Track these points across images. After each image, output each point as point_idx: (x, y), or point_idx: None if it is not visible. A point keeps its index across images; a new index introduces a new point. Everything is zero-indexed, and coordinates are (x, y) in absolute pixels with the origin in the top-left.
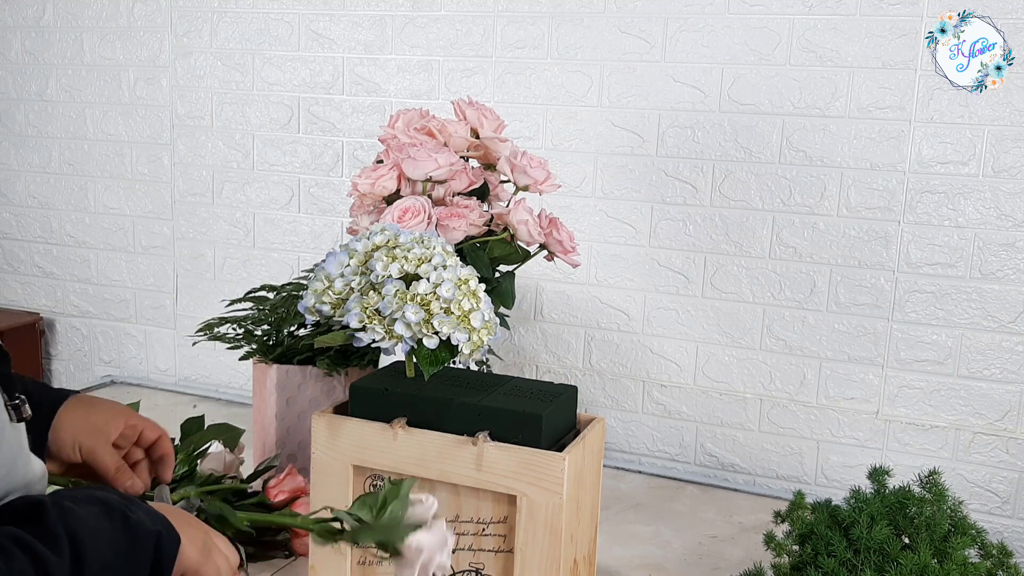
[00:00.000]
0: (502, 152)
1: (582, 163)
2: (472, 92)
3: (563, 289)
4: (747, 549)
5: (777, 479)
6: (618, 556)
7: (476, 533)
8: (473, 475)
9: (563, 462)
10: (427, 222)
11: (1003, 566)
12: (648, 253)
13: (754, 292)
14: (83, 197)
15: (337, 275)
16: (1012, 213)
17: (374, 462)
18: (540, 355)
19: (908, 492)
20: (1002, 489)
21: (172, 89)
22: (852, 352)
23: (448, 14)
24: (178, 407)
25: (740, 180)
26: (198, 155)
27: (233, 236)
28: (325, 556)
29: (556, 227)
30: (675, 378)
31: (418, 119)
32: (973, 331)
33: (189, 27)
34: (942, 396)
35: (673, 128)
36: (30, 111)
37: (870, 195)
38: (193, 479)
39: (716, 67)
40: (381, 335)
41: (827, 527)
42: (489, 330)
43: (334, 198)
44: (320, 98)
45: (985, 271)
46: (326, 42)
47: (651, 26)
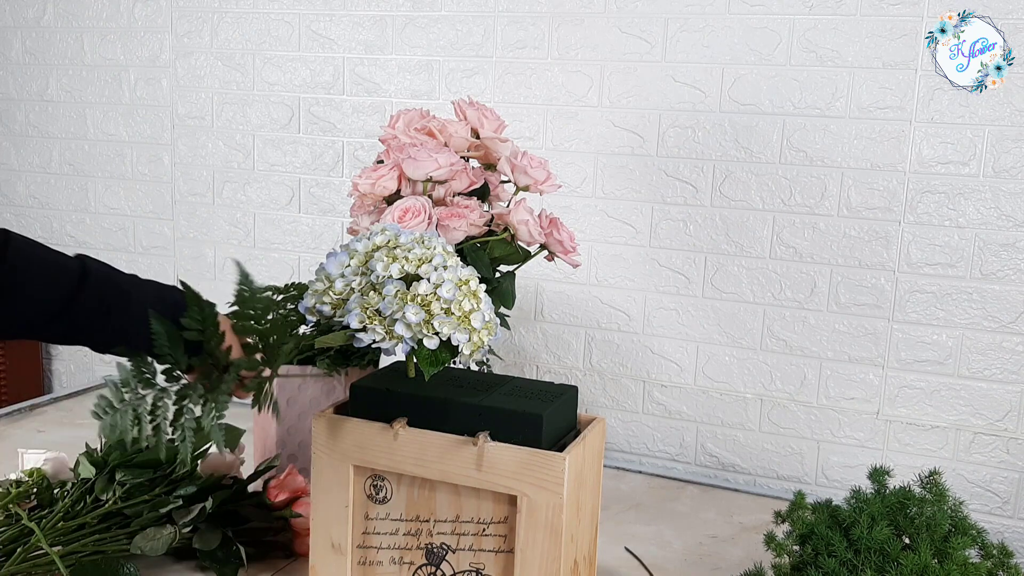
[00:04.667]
0: (502, 152)
1: (582, 163)
2: (472, 92)
3: (563, 289)
4: (747, 549)
5: (777, 479)
6: (618, 556)
7: (476, 533)
8: (473, 475)
9: (563, 462)
10: (427, 222)
11: (1003, 566)
12: (648, 253)
13: (754, 292)
14: (84, 197)
15: (337, 275)
16: (1012, 213)
17: (374, 462)
18: (540, 355)
19: (908, 492)
20: (1002, 489)
21: (173, 89)
22: (852, 352)
23: (448, 14)
24: None
25: (740, 180)
26: (199, 155)
27: (233, 236)
28: (325, 556)
29: (556, 227)
30: (675, 378)
31: (418, 119)
32: (973, 331)
33: (189, 27)
34: (942, 396)
35: (673, 128)
36: (30, 111)
37: (870, 195)
38: (193, 479)
39: (716, 67)
40: (381, 335)
41: (827, 527)
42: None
43: (334, 198)
44: (320, 98)
45: (985, 271)
46: (326, 42)
47: (651, 26)
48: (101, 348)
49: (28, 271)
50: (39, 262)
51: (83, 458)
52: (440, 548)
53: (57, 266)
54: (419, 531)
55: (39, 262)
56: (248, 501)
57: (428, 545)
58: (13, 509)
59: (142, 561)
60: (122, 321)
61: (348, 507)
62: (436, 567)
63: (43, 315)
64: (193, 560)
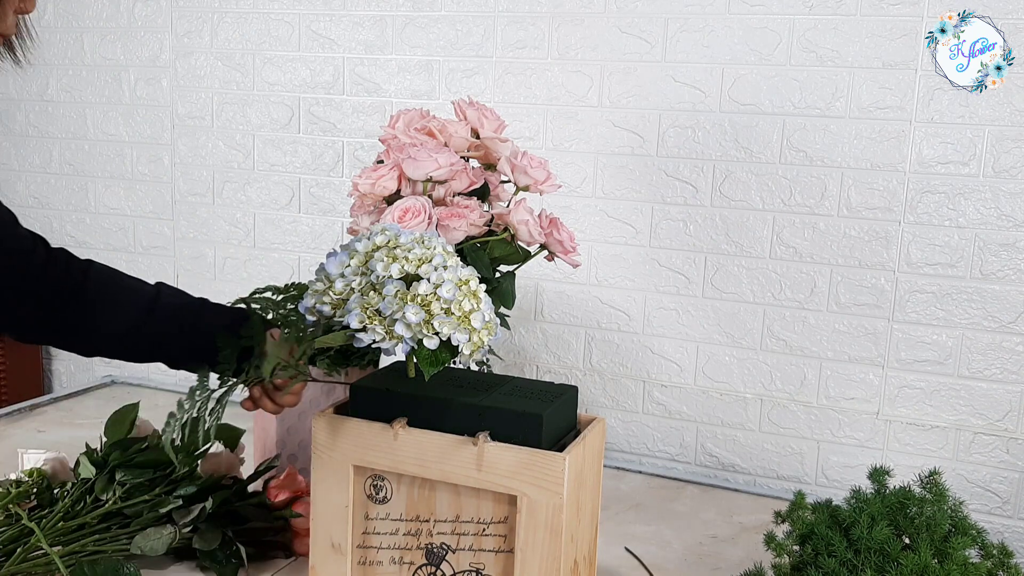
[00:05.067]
0: (502, 152)
1: (582, 163)
2: (472, 92)
3: (563, 289)
4: (747, 549)
5: (777, 479)
6: (618, 556)
7: (476, 533)
8: (473, 475)
9: (563, 462)
10: (427, 222)
11: (1003, 566)
12: (648, 253)
13: (754, 292)
14: (84, 197)
15: (337, 275)
16: (1012, 213)
17: (374, 462)
18: (540, 355)
19: (908, 492)
20: (1002, 489)
21: (173, 89)
22: (852, 352)
23: (448, 14)
24: None
25: (740, 180)
26: (199, 155)
27: (234, 236)
28: (325, 556)
29: (556, 227)
30: (675, 378)
31: (418, 119)
32: (973, 331)
33: (189, 27)
34: (942, 396)
35: (673, 128)
36: (30, 111)
37: (870, 195)
38: (193, 479)
39: (716, 67)
40: (381, 335)
41: (827, 527)
42: (489, 330)
43: (334, 198)
44: (320, 98)
45: (985, 271)
46: (326, 42)
47: (651, 26)
48: (175, 365)
49: (104, 298)
50: (116, 289)
51: (83, 458)
52: (440, 548)
53: (132, 291)
54: (419, 531)
55: (116, 289)
56: (248, 501)
57: (428, 545)
58: (13, 509)
59: (142, 561)
60: (191, 339)
61: (348, 507)
62: (436, 567)
63: (116, 336)
64: (193, 560)
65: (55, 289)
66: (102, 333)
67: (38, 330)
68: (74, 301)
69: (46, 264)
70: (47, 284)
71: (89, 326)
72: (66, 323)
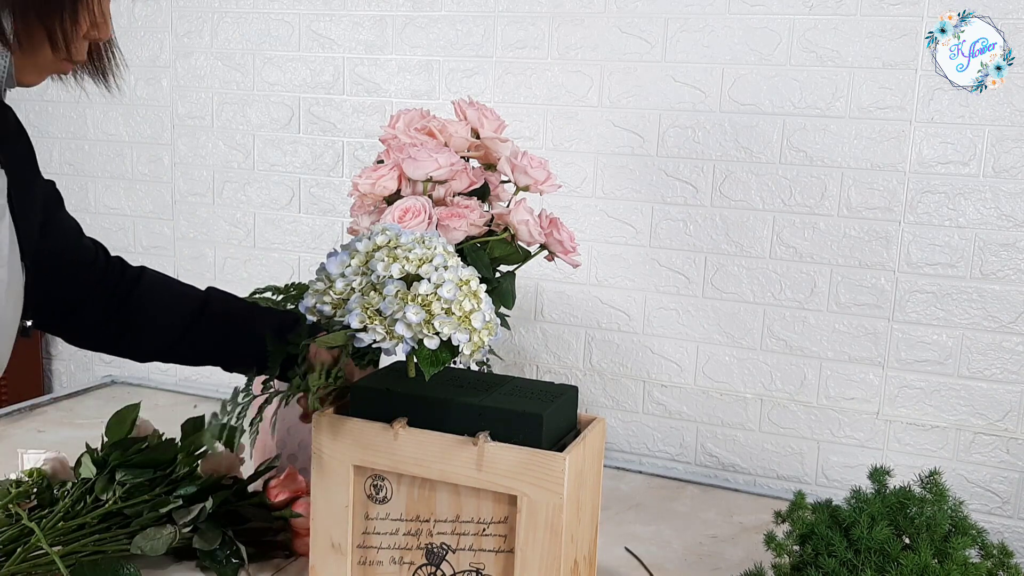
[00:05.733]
0: (502, 152)
1: (582, 163)
2: (472, 92)
3: (563, 289)
4: (747, 549)
5: (777, 479)
6: (618, 556)
7: (476, 533)
8: (473, 475)
9: (563, 462)
10: (428, 222)
11: (1004, 566)
12: (648, 253)
13: (754, 292)
14: (83, 197)
15: (338, 275)
16: (1012, 213)
17: (374, 462)
18: (540, 355)
19: (908, 492)
20: (1003, 489)
21: (173, 89)
22: (852, 352)
23: (448, 14)
24: (178, 407)
25: (740, 180)
26: (199, 155)
27: (234, 236)
28: (325, 556)
29: (556, 227)
30: (675, 378)
31: (418, 119)
32: (973, 331)
33: (189, 27)
34: (942, 396)
35: (673, 128)
36: (30, 111)
37: (871, 195)
38: (193, 479)
39: (716, 67)
40: (382, 335)
41: (827, 527)
42: (490, 331)
43: (334, 198)
44: (320, 98)
45: (986, 271)
46: (326, 42)
47: (651, 26)
48: (228, 367)
49: (156, 304)
50: (167, 295)
51: (85, 458)
52: (440, 548)
53: (183, 296)
54: (419, 531)
55: (167, 295)
56: (248, 501)
57: (428, 545)
58: (13, 509)
59: (142, 561)
60: (239, 344)
61: (348, 507)
62: (436, 567)
63: (167, 341)
64: (193, 560)
65: (111, 297)
66: (154, 339)
67: (94, 336)
68: (127, 308)
69: (105, 272)
70: (105, 292)
71: (141, 333)
72: (120, 329)
